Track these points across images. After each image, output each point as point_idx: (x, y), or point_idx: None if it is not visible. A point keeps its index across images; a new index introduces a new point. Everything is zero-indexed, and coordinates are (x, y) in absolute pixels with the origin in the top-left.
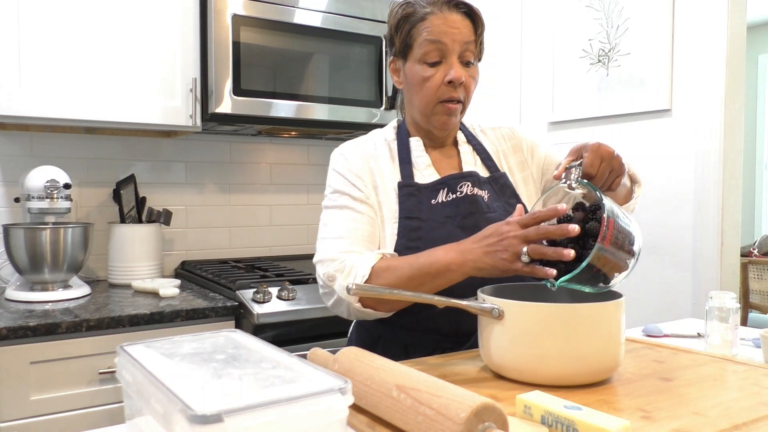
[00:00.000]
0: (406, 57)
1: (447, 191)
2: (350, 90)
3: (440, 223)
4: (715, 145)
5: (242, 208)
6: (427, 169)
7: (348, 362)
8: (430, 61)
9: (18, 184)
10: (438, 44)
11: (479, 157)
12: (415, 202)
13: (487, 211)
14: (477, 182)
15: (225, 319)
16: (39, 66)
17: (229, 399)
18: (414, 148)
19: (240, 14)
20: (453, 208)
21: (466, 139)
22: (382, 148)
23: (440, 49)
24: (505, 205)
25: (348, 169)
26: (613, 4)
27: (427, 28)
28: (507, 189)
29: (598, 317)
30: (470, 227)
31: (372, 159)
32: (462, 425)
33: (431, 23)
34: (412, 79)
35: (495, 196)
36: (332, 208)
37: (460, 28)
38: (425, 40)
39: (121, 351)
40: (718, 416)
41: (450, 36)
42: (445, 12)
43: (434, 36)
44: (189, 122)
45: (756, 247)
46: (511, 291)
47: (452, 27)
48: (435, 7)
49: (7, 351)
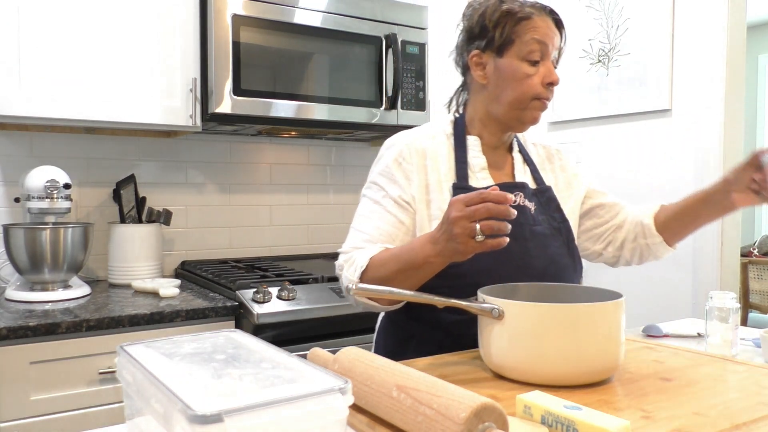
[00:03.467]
0: (502, 52)
1: None
2: (350, 90)
3: None
4: (715, 145)
5: (242, 208)
6: (482, 172)
7: (348, 362)
8: (532, 59)
9: (18, 184)
10: (542, 45)
11: (529, 167)
12: None
13: (533, 224)
14: (527, 194)
15: (225, 319)
16: (39, 66)
17: (229, 399)
18: (471, 147)
19: (240, 14)
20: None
21: (519, 147)
22: (440, 142)
23: (542, 50)
24: (549, 218)
25: (397, 164)
26: (613, 4)
27: (534, 28)
28: (552, 203)
29: (598, 317)
30: (519, 237)
31: (427, 156)
32: (462, 425)
33: (537, 24)
34: (511, 74)
35: (540, 209)
36: (367, 198)
37: (557, 34)
38: (532, 38)
39: (121, 351)
40: (718, 416)
41: (551, 39)
42: (544, 16)
43: (540, 36)
44: (189, 122)
45: (756, 247)
46: (511, 291)
47: (552, 31)
48: (536, 9)
49: (7, 351)
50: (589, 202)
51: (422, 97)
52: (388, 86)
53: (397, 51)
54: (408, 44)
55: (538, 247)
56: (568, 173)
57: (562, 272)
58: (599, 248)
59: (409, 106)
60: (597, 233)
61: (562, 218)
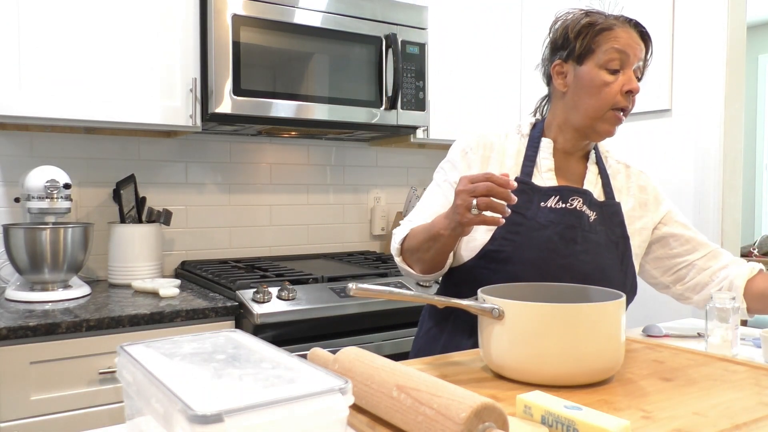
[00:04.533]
0: (582, 61)
1: (558, 199)
2: (350, 90)
3: (542, 225)
4: (715, 145)
5: (242, 208)
6: (547, 173)
7: (348, 362)
8: (612, 68)
9: (18, 184)
10: (623, 54)
11: (601, 181)
12: (525, 199)
13: (589, 230)
14: (589, 202)
15: (225, 319)
16: (39, 66)
17: (229, 399)
18: (543, 148)
19: (240, 14)
20: (558, 216)
21: (596, 160)
22: (512, 140)
23: (623, 60)
24: (608, 231)
25: (464, 153)
26: (613, 4)
27: (615, 38)
28: (616, 218)
29: (598, 317)
30: (569, 238)
31: (494, 150)
32: (462, 425)
33: (618, 34)
34: (589, 82)
35: (601, 220)
36: (433, 182)
37: (639, 45)
38: (612, 47)
39: (121, 351)
40: (718, 416)
41: (633, 49)
42: (627, 28)
43: (621, 46)
44: (189, 122)
45: (756, 247)
46: (511, 291)
47: (635, 42)
48: (619, 21)
49: (7, 351)
50: (663, 229)
51: (422, 97)
52: (388, 86)
53: (397, 51)
54: (408, 44)
55: (587, 253)
56: (648, 195)
57: (610, 284)
58: (666, 281)
59: (409, 106)
60: (666, 265)
61: (623, 234)
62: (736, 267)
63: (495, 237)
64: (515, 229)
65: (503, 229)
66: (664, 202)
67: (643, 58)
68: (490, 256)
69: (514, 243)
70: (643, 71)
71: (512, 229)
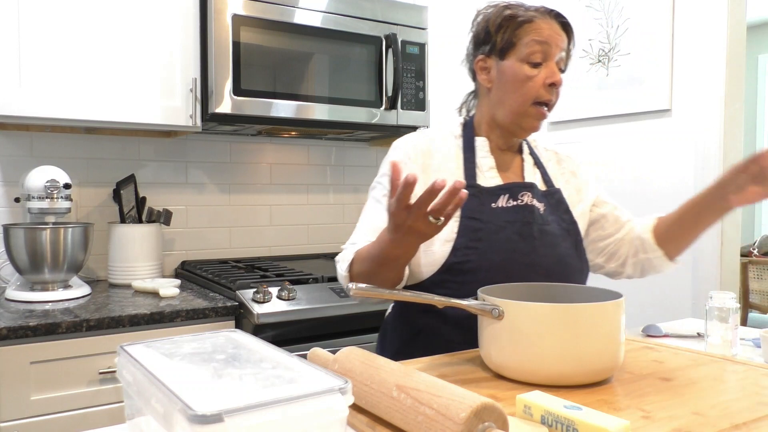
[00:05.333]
0: (504, 55)
1: (508, 197)
2: (350, 90)
3: (500, 227)
4: (715, 145)
5: (242, 208)
6: (490, 171)
7: (348, 362)
8: (534, 61)
9: (18, 184)
10: (545, 46)
11: (539, 170)
12: (476, 203)
13: (542, 223)
14: (536, 194)
15: (225, 319)
16: (39, 66)
17: (229, 399)
18: (479, 147)
19: (240, 14)
20: (513, 215)
21: (529, 150)
22: (445, 143)
23: (545, 51)
24: (559, 219)
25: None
26: (613, 4)
27: (535, 30)
28: (561, 205)
29: (598, 317)
30: (527, 235)
31: (433, 156)
32: (462, 425)
33: (539, 26)
34: (512, 76)
35: (550, 209)
36: (371, 197)
37: (561, 35)
38: (533, 40)
39: (121, 351)
40: (718, 416)
41: (553, 40)
42: (548, 19)
43: (542, 38)
44: (189, 122)
45: (756, 247)
46: (511, 291)
47: (556, 33)
48: (539, 13)
49: (7, 351)
50: (596, 211)
51: (422, 97)
52: (388, 86)
53: (397, 51)
54: (408, 44)
55: (546, 246)
56: (579, 179)
57: (570, 273)
58: (600, 261)
59: (409, 106)
60: (599, 246)
61: (572, 220)
62: (638, 225)
63: (457, 248)
64: (476, 235)
65: (464, 238)
66: (592, 184)
67: (566, 49)
68: (455, 269)
69: (478, 250)
70: (566, 63)
71: (473, 236)
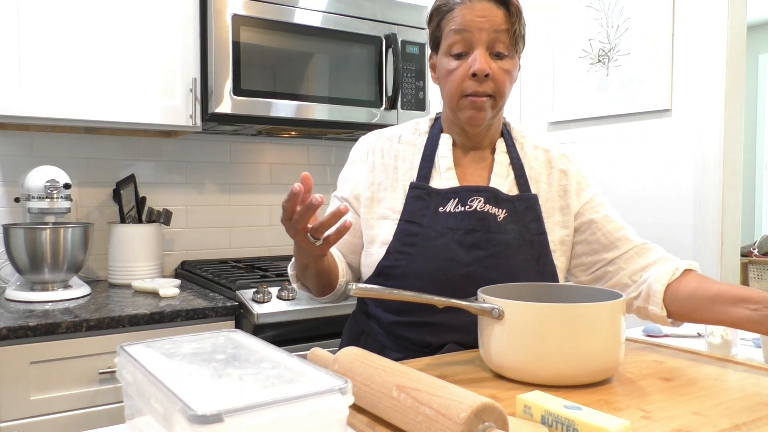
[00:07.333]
0: (437, 50)
1: (457, 202)
2: (350, 90)
3: (439, 234)
4: (715, 145)
5: (242, 208)
6: (447, 172)
7: (348, 362)
8: (455, 52)
9: (18, 184)
10: (462, 33)
11: (514, 172)
12: (421, 206)
13: (496, 231)
14: (493, 199)
15: (225, 319)
16: (39, 66)
17: (229, 399)
18: (441, 144)
19: (240, 14)
20: (457, 221)
21: (506, 148)
22: (409, 139)
23: (465, 39)
24: (521, 228)
25: (354, 163)
26: (613, 4)
27: (452, 19)
28: (531, 213)
29: (598, 317)
30: (469, 244)
31: (385, 155)
32: (462, 425)
33: (458, 13)
34: (441, 71)
35: (512, 217)
36: (335, 198)
37: (489, 16)
38: (450, 30)
39: (121, 351)
40: (718, 416)
41: (476, 25)
42: (474, 2)
43: (458, 26)
44: (189, 122)
45: (756, 247)
46: (511, 291)
47: (479, 16)
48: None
49: (7, 351)
50: (582, 217)
51: (422, 97)
52: (388, 86)
53: (397, 51)
54: (408, 44)
55: (494, 257)
56: (570, 180)
57: None
58: (586, 280)
59: (409, 106)
60: (584, 263)
61: (539, 230)
62: (658, 268)
63: (389, 251)
64: (410, 240)
65: (398, 242)
66: (588, 188)
67: (506, 29)
68: (386, 272)
69: (409, 256)
70: (512, 42)
71: (407, 240)
